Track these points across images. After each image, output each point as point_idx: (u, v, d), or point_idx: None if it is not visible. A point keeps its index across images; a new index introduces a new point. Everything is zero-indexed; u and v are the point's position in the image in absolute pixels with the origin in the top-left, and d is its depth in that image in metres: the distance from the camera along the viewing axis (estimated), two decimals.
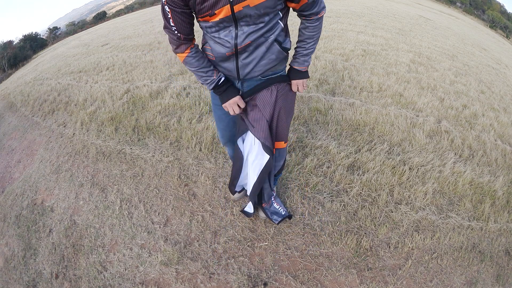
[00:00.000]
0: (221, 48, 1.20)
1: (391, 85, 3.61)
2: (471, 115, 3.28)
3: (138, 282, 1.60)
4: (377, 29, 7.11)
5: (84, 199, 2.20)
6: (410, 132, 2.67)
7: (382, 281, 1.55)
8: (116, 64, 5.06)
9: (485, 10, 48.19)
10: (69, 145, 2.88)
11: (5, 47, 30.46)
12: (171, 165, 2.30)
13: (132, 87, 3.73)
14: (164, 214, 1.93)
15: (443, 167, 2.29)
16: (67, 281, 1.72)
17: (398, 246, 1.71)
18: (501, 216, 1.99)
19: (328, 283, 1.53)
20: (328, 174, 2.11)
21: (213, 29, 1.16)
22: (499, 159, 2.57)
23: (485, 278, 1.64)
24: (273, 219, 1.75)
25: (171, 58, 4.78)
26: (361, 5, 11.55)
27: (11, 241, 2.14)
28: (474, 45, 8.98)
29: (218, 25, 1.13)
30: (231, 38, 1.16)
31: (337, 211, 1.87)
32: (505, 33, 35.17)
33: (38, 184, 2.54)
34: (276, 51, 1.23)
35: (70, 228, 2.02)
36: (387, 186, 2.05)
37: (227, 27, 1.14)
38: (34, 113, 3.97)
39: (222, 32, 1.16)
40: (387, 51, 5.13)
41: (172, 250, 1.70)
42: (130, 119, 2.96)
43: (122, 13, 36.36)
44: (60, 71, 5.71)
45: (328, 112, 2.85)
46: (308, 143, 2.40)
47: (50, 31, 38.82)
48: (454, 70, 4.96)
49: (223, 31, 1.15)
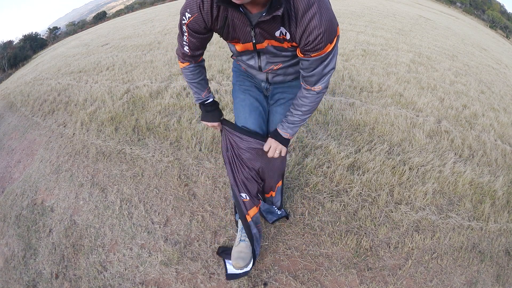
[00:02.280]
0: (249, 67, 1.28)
1: (391, 85, 3.61)
2: (471, 115, 3.28)
3: (138, 282, 1.60)
4: (377, 29, 7.11)
5: (84, 199, 2.20)
6: (410, 132, 2.67)
7: (382, 281, 1.55)
8: (116, 64, 5.06)
9: (485, 10, 48.18)
10: (69, 145, 2.88)
11: (5, 47, 30.49)
12: (171, 165, 2.30)
13: (132, 87, 3.73)
14: (164, 214, 1.93)
15: (443, 167, 2.29)
16: (67, 281, 1.72)
17: (398, 246, 1.71)
18: (501, 216, 1.99)
19: (328, 283, 1.53)
20: (328, 174, 2.11)
21: (236, 52, 1.20)
22: (499, 159, 2.57)
23: (485, 278, 1.64)
24: (267, 218, 1.74)
25: (171, 58, 4.78)
26: (361, 5, 11.56)
27: (11, 241, 2.14)
28: (474, 45, 8.97)
29: (240, 52, 1.18)
30: (254, 63, 1.21)
31: (337, 211, 1.87)
32: (505, 33, 35.19)
33: (38, 184, 2.54)
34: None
35: (70, 228, 2.02)
36: (387, 186, 2.05)
37: (250, 55, 1.18)
38: (34, 113, 3.97)
39: (244, 56, 1.21)
40: (387, 51, 5.13)
41: (172, 250, 1.70)
42: (130, 119, 2.96)
43: (122, 13, 36.35)
44: (60, 71, 5.71)
45: (328, 112, 2.85)
46: (308, 143, 2.40)
47: (50, 31, 38.84)
48: (454, 70, 4.96)
49: (245, 56, 1.20)
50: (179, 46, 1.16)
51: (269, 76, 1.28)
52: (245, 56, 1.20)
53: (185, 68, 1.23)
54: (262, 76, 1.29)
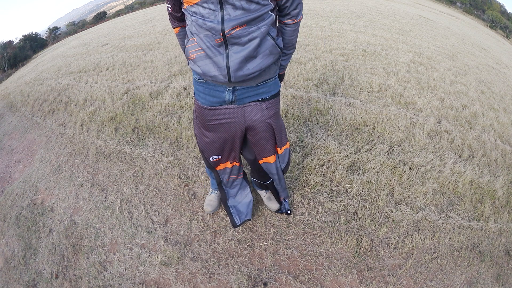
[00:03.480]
0: (208, 37, 1.12)
1: (391, 85, 3.61)
2: (471, 115, 3.28)
3: (138, 282, 1.60)
4: (377, 29, 7.11)
5: (84, 199, 2.20)
6: (410, 132, 2.67)
7: (382, 281, 1.55)
8: (116, 64, 5.06)
9: (485, 10, 48.20)
10: (69, 145, 2.88)
11: (5, 47, 30.51)
12: (171, 165, 2.30)
13: (132, 87, 3.73)
14: (164, 214, 1.93)
15: (443, 167, 2.29)
16: (67, 281, 1.72)
17: (398, 246, 1.71)
18: (501, 216, 1.99)
19: (328, 283, 1.53)
20: (328, 174, 2.11)
21: (198, 15, 1.10)
22: (499, 159, 2.57)
23: (485, 278, 1.64)
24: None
25: (171, 58, 4.78)
26: (361, 5, 11.56)
27: (11, 241, 2.14)
28: (474, 45, 8.98)
29: (203, 5, 1.07)
30: (217, 23, 1.07)
31: (337, 211, 1.87)
32: (505, 33, 35.20)
33: (38, 184, 2.54)
34: (270, 45, 1.16)
35: (70, 228, 2.02)
36: (387, 186, 2.05)
37: (212, 10, 1.07)
38: (34, 113, 3.97)
39: (206, 16, 1.09)
40: (387, 51, 5.13)
41: (172, 250, 1.70)
42: (130, 119, 2.96)
43: (122, 13, 36.39)
44: (60, 71, 5.70)
45: (328, 112, 2.85)
46: (308, 143, 2.40)
47: (50, 31, 38.86)
48: (454, 70, 4.96)
49: (207, 14, 1.08)
50: (168, 10, 1.27)
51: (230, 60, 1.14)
52: (206, 14, 1.08)
53: (178, 34, 1.34)
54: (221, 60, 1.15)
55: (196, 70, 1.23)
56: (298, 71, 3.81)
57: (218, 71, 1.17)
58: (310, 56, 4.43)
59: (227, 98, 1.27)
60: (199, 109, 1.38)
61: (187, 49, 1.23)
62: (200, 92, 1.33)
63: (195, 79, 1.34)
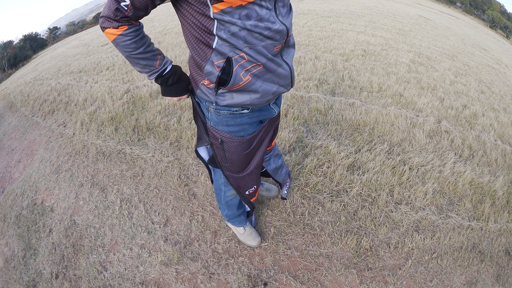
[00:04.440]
0: (268, 46, 0.87)
1: (391, 85, 3.61)
2: (471, 115, 3.28)
3: (138, 282, 1.60)
4: (377, 29, 7.11)
5: (84, 199, 2.20)
6: (410, 132, 2.66)
7: (382, 281, 1.55)
8: (116, 64, 5.06)
9: (485, 10, 48.23)
10: (69, 145, 2.88)
11: (5, 47, 30.52)
12: (171, 165, 2.30)
13: (132, 87, 3.73)
14: (164, 214, 1.93)
15: (443, 167, 2.29)
16: (67, 281, 1.72)
17: (398, 246, 1.71)
18: (501, 216, 1.99)
19: (328, 283, 1.53)
20: (328, 174, 2.11)
21: (253, 18, 0.81)
22: (499, 159, 2.57)
23: (485, 278, 1.64)
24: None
25: (171, 58, 4.78)
26: (361, 5, 11.55)
27: (11, 241, 2.14)
28: (474, 45, 8.98)
29: (261, 3, 0.81)
30: (280, 25, 0.85)
31: (337, 211, 1.87)
32: (505, 33, 35.22)
33: (38, 184, 2.54)
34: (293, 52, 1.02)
35: (70, 228, 2.02)
36: (387, 186, 2.05)
37: (269, 10, 0.83)
38: (34, 113, 3.97)
39: (266, 18, 0.83)
40: (387, 51, 5.13)
41: (172, 250, 1.70)
42: (130, 119, 2.96)
43: None
44: (60, 71, 5.71)
45: (328, 112, 2.85)
46: (308, 143, 2.40)
47: (50, 31, 38.88)
48: (454, 70, 4.96)
49: (266, 15, 0.83)
50: (111, 2, 0.79)
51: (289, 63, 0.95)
52: (260, 8, 0.80)
53: (123, 35, 0.83)
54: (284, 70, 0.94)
55: (244, 100, 0.93)
56: (298, 71, 3.81)
57: (281, 84, 0.96)
58: (310, 56, 4.43)
59: (276, 111, 1.10)
60: (240, 145, 1.07)
61: (235, 73, 0.87)
62: (244, 125, 1.04)
63: (232, 113, 0.99)
